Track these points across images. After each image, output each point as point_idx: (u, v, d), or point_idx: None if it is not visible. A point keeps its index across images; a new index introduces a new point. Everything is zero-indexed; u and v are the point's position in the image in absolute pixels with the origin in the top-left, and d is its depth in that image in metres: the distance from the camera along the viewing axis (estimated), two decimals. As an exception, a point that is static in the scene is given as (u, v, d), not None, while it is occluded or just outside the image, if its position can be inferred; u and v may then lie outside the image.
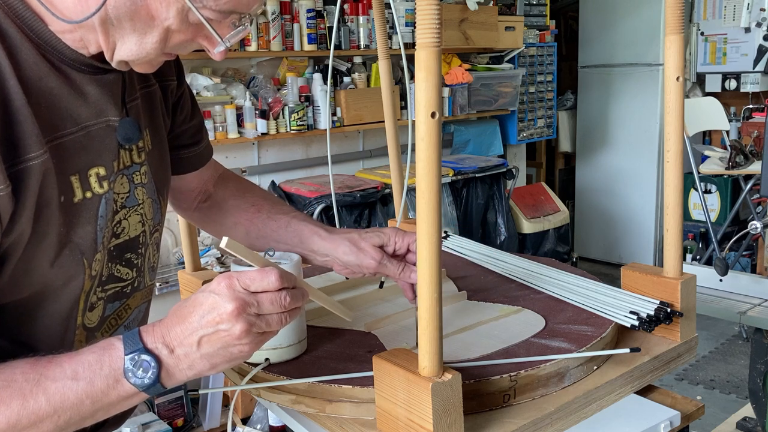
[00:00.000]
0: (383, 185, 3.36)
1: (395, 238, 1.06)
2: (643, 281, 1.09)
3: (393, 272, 1.06)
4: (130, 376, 0.74)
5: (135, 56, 0.79)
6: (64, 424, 0.74)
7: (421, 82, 0.72)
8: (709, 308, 2.03)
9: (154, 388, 0.76)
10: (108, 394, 0.75)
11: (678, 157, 1.02)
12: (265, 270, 0.79)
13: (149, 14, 0.76)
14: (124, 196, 0.90)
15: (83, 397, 0.74)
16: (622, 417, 0.94)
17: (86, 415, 0.75)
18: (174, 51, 0.82)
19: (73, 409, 0.74)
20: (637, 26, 4.76)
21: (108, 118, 0.85)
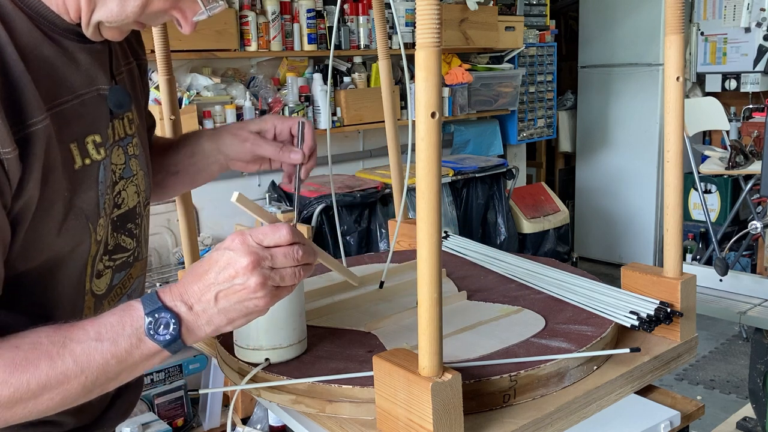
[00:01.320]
0: (383, 185, 3.36)
1: (275, 122, 1.08)
2: (643, 281, 1.09)
3: (271, 152, 1.06)
4: (152, 334, 0.76)
5: (113, 18, 0.81)
6: (91, 384, 0.76)
7: (421, 82, 0.72)
8: (709, 308, 2.03)
9: (176, 344, 0.77)
10: (132, 353, 0.76)
11: (678, 157, 1.02)
12: (277, 225, 0.80)
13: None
14: (121, 167, 0.92)
15: (108, 357, 0.75)
16: (622, 417, 0.94)
17: (112, 375, 0.77)
18: (148, 20, 0.84)
19: (99, 370, 0.75)
20: (637, 26, 4.76)
21: (99, 87, 0.87)
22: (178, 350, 0.79)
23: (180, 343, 0.78)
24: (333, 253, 3.12)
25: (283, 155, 1.06)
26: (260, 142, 1.07)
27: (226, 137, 1.09)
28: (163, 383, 2.49)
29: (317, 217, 3.13)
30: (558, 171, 5.73)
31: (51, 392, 0.74)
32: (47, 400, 0.75)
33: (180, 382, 2.52)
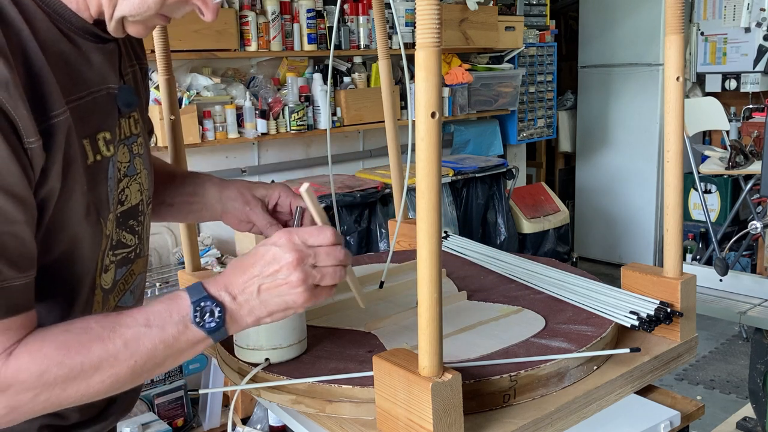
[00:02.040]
0: (383, 185, 3.36)
1: (281, 193, 1.11)
2: (643, 281, 1.09)
3: (261, 225, 1.09)
4: (197, 322, 0.79)
5: (136, 11, 0.83)
6: (140, 369, 0.78)
7: (421, 82, 0.72)
8: (709, 308, 2.03)
9: (219, 332, 0.80)
10: (179, 339, 0.79)
11: (678, 157, 1.02)
12: (322, 227, 0.85)
13: None
14: (126, 165, 0.94)
15: (156, 342, 0.78)
16: (622, 417, 0.94)
17: (159, 360, 0.79)
18: (170, 12, 0.86)
19: (148, 354, 0.78)
20: (637, 26, 4.76)
21: (109, 86, 0.89)
22: (222, 338, 0.82)
23: (224, 331, 0.81)
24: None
25: (271, 231, 1.09)
26: (257, 211, 1.10)
27: (232, 192, 1.11)
28: (163, 383, 2.49)
29: (317, 217, 3.12)
30: (558, 171, 5.73)
31: (102, 374, 0.76)
32: (98, 382, 0.77)
33: (180, 382, 2.52)
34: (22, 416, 0.76)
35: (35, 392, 0.74)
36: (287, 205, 1.11)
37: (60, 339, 0.76)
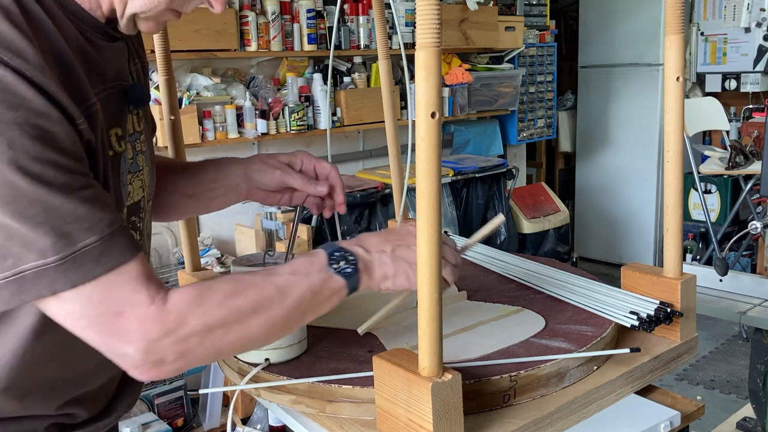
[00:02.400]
0: (383, 185, 3.36)
1: (303, 158, 1.13)
2: (643, 281, 1.09)
3: (299, 183, 1.11)
4: (335, 268, 0.86)
5: (146, 8, 0.84)
6: (291, 315, 0.83)
7: (421, 82, 0.72)
8: (709, 308, 2.03)
9: (354, 279, 0.86)
10: (322, 288, 0.85)
11: (678, 157, 1.02)
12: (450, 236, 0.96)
13: None
14: (130, 162, 0.95)
15: (305, 288, 0.84)
16: (622, 417, 0.94)
17: (305, 308, 0.84)
18: (179, 6, 0.87)
19: (298, 299, 0.83)
20: (637, 26, 4.76)
21: (120, 83, 0.90)
22: (356, 289, 0.87)
23: (357, 279, 0.87)
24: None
25: (310, 187, 1.11)
26: (290, 172, 1.12)
27: (255, 163, 1.12)
28: (163, 383, 2.49)
29: (317, 217, 3.13)
30: (558, 171, 5.73)
31: (260, 318, 0.81)
32: (257, 326, 0.81)
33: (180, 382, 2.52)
34: (190, 363, 0.78)
35: (200, 337, 0.77)
36: (311, 169, 1.13)
37: (214, 286, 0.80)
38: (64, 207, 0.71)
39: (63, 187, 0.71)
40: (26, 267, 0.70)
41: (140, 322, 0.75)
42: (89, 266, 0.72)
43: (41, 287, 0.71)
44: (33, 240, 0.70)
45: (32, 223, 0.70)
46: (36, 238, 0.70)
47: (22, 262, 0.70)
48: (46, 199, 0.70)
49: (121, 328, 0.74)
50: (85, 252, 0.72)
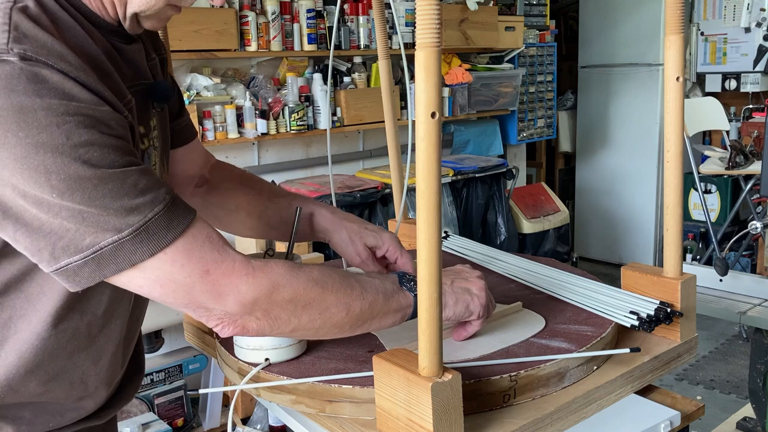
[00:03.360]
0: (383, 185, 3.36)
1: (389, 246, 1.13)
2: (643, 281, 1.09)
3: (367, 270, 1.11)
4: (405, 285, 0.91)
5: (145, 6, 0.86)
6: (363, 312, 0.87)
7: (421, 82, 0.72)
8: (709, 308, 2.03)
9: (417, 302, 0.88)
10: (393, 296, 0.90)
11: (678, 157, 1.02)
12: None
13: None
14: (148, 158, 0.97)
15: (380, 291, 0.89)
16: (622, 417, 0.94)
17: (375, 311, 0.88)
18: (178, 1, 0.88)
19: (372, 299, 0.88)
20: (637, 26, 4.76)
21: (142, 81, 0.93)
22: (416, 313, 0.89)
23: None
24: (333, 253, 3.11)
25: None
26: (369, 263, 1.14)
27: (341, 232, 1.14)
28: (163, 383, 2.49)
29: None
30: (558, 171, 5.73)
31: (339, 302, 0.85)
32: (334, 309, 0.85)
33: (180, 382, 2.52)
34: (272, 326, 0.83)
35: (288, 299, 0.82)
36: (395, 257, 1.14)
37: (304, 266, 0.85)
38: (127, 184, 0.75)
39: (122, 167, 0.75)
40: (103, 244, 0.74)
41: (227, 276, 0.79)
42: (162, 233, 0.77)
43: (120, 261, 0.75)
44: (105, 219, 0.74)
45: (101, 204, 0.74)
46: (107, 218, 0.74)
47: (99, 240, 0.74)
48: (110, 180, 0.74)
49: (209, 284, 0.79)
50: (156, 221, 0.76)
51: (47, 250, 0.74)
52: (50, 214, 0.73)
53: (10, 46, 0.72)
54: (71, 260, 0.75)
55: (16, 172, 0.71)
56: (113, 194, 0.74)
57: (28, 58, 0.72)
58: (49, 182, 0.72)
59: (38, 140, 0.71)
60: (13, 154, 0.71)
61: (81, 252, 0.74)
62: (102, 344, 0.93)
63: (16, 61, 0.71)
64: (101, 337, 0.92)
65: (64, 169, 0.72)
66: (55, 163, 0.72)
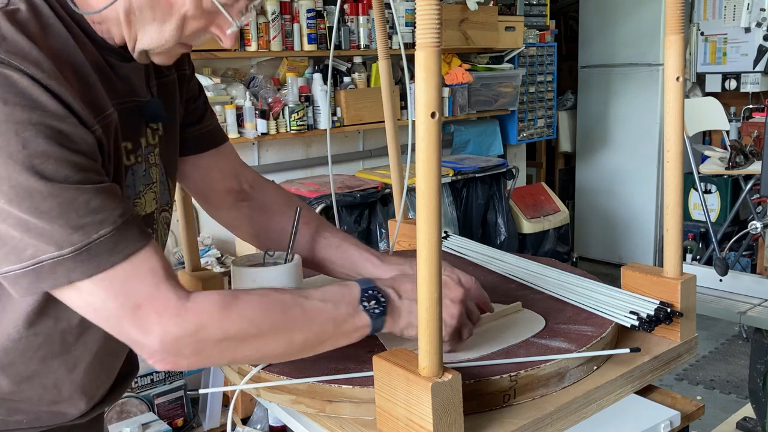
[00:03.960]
0: (383, 185, 3.36)
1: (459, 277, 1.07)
2: (643, 281, 1.09)
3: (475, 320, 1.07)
4: (364, 305, 0.87)
5: (155, 44, 0.86)
6: (310, 341, 0.85)
7: (421, 82, 0.72)
8: (709, 308, 2.03)
9: (379, 320, 0.88)
10: (347, 321, 0.86)
11: (678, 157, 1.02)
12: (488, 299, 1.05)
13: (168, 2, 0.83)
14: (143, 174, 0.97)
15: (330, 317, 0.85)
16: (622, 417, 0.94)
17: (325, 337, 0.86)
18: (189, 40, 0.89)
19: (320, 328, 0.85)
20: (637, 26, 4.75)
21: (135, 99, 0.92)
22: (378, 330, 0.89)
23: (383, 321, 0.88)
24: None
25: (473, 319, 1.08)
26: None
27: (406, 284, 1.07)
28: (163, 383, 2.49)
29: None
30: (558, 171, 5.72)
31: (278, 337, 0.83)
32: (274, 344, 0.83)
33: (180, 382, 2.52)
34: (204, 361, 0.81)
35: (216, 342, 0.79)
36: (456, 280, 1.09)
37: (242, 296, 0.82)
38: (78, 201, 0.74)
39: (76, 183, 0.74)
40: (44, 258, 0.73)
41: (158, 315, 0.77)
42: (105, 256, 0.75)
43: (58, 277, 0.74)
44: (49, 233, 0.73)
45: (47, 218, 0.73)
46: (52, 231, 0.73)
47: (40, 253, 0.73)
48: (60, 194, 0.73)
49: (139, 320, 0.76)
50: (99, 243, 0.75)
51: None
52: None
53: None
54: (11, 268, 0.74)
55: None
56: (61, 209, 0.73)
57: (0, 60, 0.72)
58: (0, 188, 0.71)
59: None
60: None
61: (22, 262, 0.74)
62: (78, 354, 0.92)
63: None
64: (78, 347, 0.91)
65: (15, 176, 0.71)
66: (6, 169, 0.71)
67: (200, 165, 1.13)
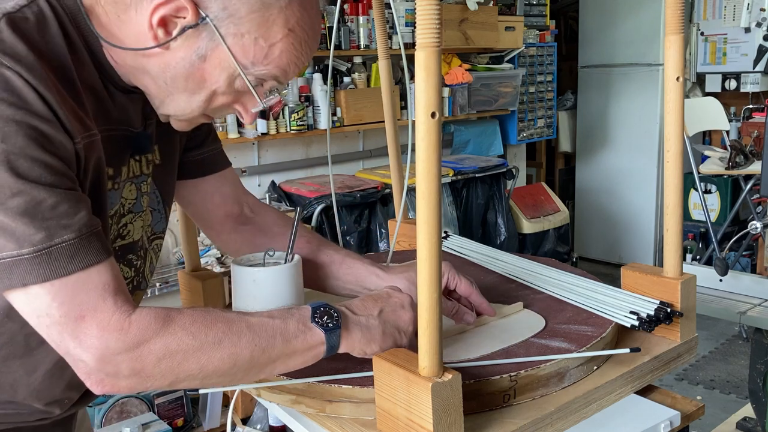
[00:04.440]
0: (383, 185, 3.36)
1: (447, 276, 1.08)
2: (643, 281, 1.09)
3: (448, 312, 1.07)
4: (316, 320, 0.85)
5: (180, 112, 0.89)
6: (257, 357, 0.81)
7: (421, 82, 0.72)
8: (709, 308, 2.03)
9: (334, 335, 0.85)
10: (297, 336, 0.83)
11: (678, 157, 1.02)
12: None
13: (202, 77, 0.85)
14: (132, 202, 0.97)
15: (277, 332, 0.82)
16: (622, 417, 0.94)
17: (273, 355, 0.82)
18: (213, 114, 0.91)
19: (266, 344, 0.82)
20: (637, 26, 4.75)
21: (128, 128, 0.93)
22: (335, 349, 0.86)
23: (338, 336, 0.86)
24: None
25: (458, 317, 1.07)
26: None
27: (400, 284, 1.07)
28: (163, 383, 2.48)
29: (317, 217, 3.13)
30: (558, 171, 5.73)
31: (223, 352, 0.79)
32: (218, 359, 0.79)
33: (180, 382, 2.51)
34: (144, 382, 0.77)
35: (158, 357, 0.76)
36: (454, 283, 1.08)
37: (185, 311, 0.80)
38: (46, 203, 0.73)
39: (48, 185, 0.74)
40: (3, 255, 0.72)
41: (100, 329, 0.74)
42: (62, 262, 0.74)
43: (14, 278, 0.73)
44: (12, 229, 0.72)
45: (12, 214, 0.72)
46: (15, 228, 0.72)
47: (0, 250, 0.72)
48: (29, 193, 0.72)
49: (80, 332, 0.74)
50: (61, 248, 0.74)
51: None
52: None
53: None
54: None
55: None
56: (27, 207, 0.72)
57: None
58: None
59: None
60: None
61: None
62: (39, 358, 0.90)
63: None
64: (40, 351, 0.90)
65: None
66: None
67: (201, 189, 1.13)
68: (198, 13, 0.81)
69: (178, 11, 0.81)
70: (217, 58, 0.84)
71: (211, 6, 0.81)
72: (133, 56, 0.85)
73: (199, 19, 0.81)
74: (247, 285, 1.02)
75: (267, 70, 0.85)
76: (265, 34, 0.83)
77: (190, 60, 0.84)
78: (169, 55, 0.84)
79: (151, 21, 0.81)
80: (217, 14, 0.81)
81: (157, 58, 0.84)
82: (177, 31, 0.82)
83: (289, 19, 0.84)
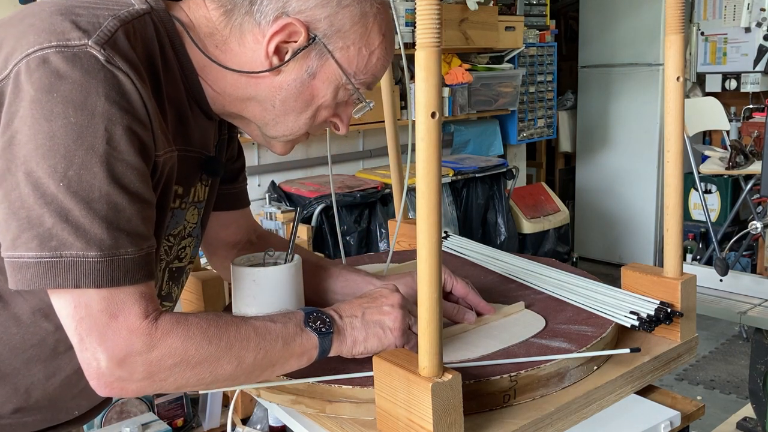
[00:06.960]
0: (383, 185, 3.36)
1: (444, 278, 1.08)
2: (644, 281, 1.09)
3: (449, 314, 1.07)
4: (310, 325, 0.86)
5: (288, 132, 0.92)
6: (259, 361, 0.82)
7: (421, 82, 0.72)
8: (709, 308, 2.03)
9: (327, 339, 0.87)
10: (295, 339, 0.85)
11: (678, 157, 1.02)
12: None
13: (312, 93, 0.89)
14: (193, 226, 0.99)
15: (279, 335, 0.84)
16: (622, 417, 0.94)
17: (274, 359, 0.84)
18: (314, 130, 0.94)
19: (270, 347, 0.83)
20: (637, 26, 4.76)
21: (202, 151, 0.96)
22: (326, 352, 0.88)
23: (330, 340, 0.87)
24: (333, 253, 3.12)
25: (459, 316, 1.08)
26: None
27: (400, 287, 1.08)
28: (163, 383, 2.48)
29: (317, 217, 3.13)
30: (558, 171, 5.73)
31: (230, 356, 0.80)
32: (226, 363, 0.80)
33: (180, 382, 2.51)
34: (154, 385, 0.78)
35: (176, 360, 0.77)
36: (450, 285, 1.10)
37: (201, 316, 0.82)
38: (126, 212, 0.75)
39: (133, 193, 0.76)
40: (66, 254, 0.72)
41: (129, 330, 0.75)
42: (120, 273, 0.74)
43: (68, 278, 0.72)
44: (86, 229, 0.72)
45: (93, 215, 0.73)
46: (89, 229, 0.72)
47: (63, 248, 0.72)
48: (115, 199, 0.74)
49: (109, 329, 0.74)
50: (122, 260, 0.74)
51: (11, 234, 0.72)
52: (39, 201, 0.71)
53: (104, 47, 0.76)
54: (28, 255, 0.72)
55: (40, 147, 0.71)
56: (108, 212, 0.73)
57: (112, 63, 0.75)
58: (66, 171, 0.72)
59: (82, 128, 0.72)
60: (50, 128, 0.72)
61: (41, 251, 0.72)
62: (62, 364, 0.90)
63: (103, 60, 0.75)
64: (64, 357, 0.89)
65: (87, 165, 0.72)
66: (81, 155, 0.72)
67: (221, 220, 1.14)
68: (309, 35, 0.84)
69: (291, 36, 0.84)
70: (325, 74, 0.87)
71: (319, 26, 0.84)
72: (242, 85, 0.88)
73: (310, 39, 0.84)
74: (247, 285, 1.02)
75: (364, 78, 0.90)
76: (366, 43, 0.88)
77: (302, 79, 0.87)
78: (281, 78, 0.87)
79: (267, 50, 0.85)
80: (326, 32, 0.85)
81: (268, 82, 0.87)
82: (290, 55, 0.85)
83: (381, 26, 0.88)
